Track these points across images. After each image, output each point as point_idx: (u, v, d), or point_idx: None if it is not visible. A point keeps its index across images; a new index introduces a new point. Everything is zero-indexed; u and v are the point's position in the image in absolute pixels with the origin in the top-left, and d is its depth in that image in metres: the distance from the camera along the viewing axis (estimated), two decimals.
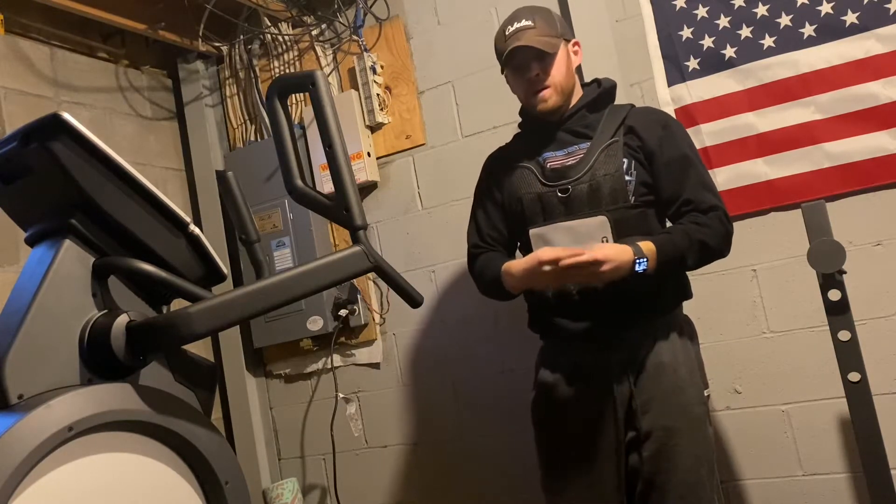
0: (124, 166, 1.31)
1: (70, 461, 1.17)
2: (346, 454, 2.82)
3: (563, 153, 1.88)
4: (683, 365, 1.81)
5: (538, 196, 1.86)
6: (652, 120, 1.89)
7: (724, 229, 1.79)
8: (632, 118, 1.88)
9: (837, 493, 2.16)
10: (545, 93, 1.86)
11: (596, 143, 1.85)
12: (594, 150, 1.84)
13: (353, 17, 2.81)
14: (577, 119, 1.90)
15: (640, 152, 1.84)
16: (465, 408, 2.66)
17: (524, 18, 1.88)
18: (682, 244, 1.74)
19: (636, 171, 1.82)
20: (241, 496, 1.37)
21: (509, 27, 1.89)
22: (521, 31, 1.86)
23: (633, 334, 1.81)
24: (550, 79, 1.86)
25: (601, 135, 1.86)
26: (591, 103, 1.91)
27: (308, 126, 2.82)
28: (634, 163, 1.82)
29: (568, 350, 1.88)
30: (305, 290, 1.35)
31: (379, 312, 2.79)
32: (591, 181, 1.80)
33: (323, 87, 1.39)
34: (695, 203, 1.79)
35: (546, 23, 1.89)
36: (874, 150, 2.12)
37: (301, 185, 1.48)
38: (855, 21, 2.14)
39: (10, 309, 1.25)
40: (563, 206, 1.82)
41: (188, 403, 1.36)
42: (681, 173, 1.82)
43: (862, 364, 1.70)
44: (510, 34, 1.87)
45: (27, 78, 2.59)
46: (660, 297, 1.83)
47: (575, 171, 1.83)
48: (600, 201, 1.80)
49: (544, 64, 1.86)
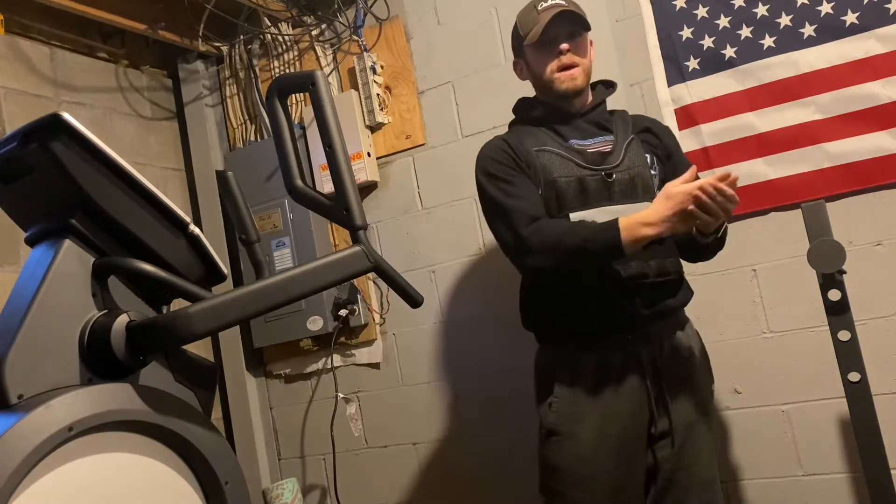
0: (124, 166, 1.31)
1: (70, 461, 1.17)
2: (346, 454, 2.82)
3: (590, 142, 1.84)
4: (698, 361, 1.84)
5: (578, 180, 1.77)
6: (662, 125, 1.99)
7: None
8: (639, 121, 1.94)
9: (837, 493, 2.16)
10: (575, 71, 1.82)
11: (620, 137, 1.84)
12: (621, 142, 1.83)
13: (353, 17, 2.81)
14: (598, 112, 1.89)
15: (659, 150, 1.88)
16: (465, 408, 2.66)
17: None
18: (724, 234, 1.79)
19: (658, 167, 1.86)
20: (241, 496, 1.37)
21: (542, 3, 1.83)
22: (556, 6, 1.81)
23: (656, 329, 1.79)
24: (580, 60, 1.83)
25: (620, 131, 1.86)
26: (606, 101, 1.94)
27: (308, 126, 2.82)
28: (656, 159, 1.86)
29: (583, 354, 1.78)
30: (305, 290, 1.35)
31: (379, 312, 2.79)
32: (629, 170, 1.79)
33: (323, 87, 1.39)
34: None
35: (579, 7, 1.86)
36: (874, 150, 2.12)
37: (301, 185, 1.48)
38: (855, 21, 2.14)
39: (10, 309, 1.25)
40: (605, 191, 1.78)
41: (188, 403, 1.36)
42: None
43: (862, 364, 1.70)
44: (545, 7, 1.81)
45: (27, 78, 2.59)
46: (679, 293, 1.84)
47: (613, 159, 1.80)
48: (637, 190, 1.79)
49: (575, 42, 1.83)
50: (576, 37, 1.84)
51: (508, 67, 2.58)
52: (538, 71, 1.87)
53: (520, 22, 1.89)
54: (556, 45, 1.81)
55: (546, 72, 1.84)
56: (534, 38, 1.82)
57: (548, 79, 1.84)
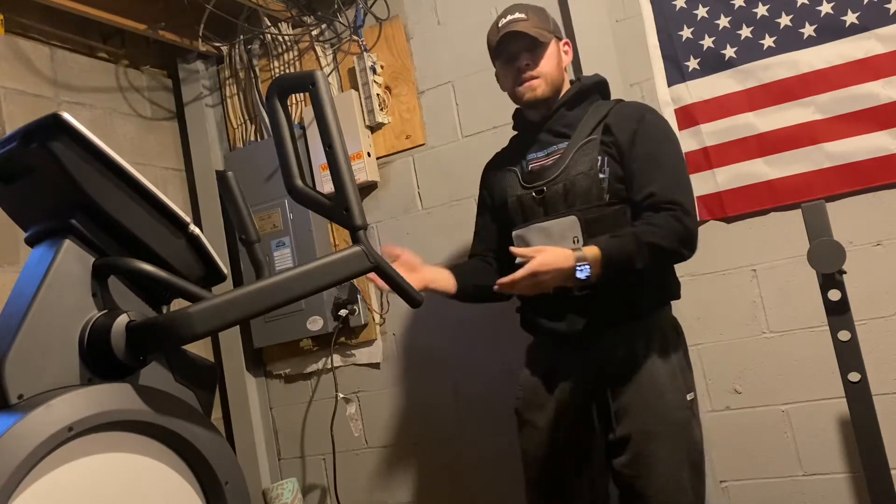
0: (124, 166, 1.31)
1: (70, 461, 1.17)
2: (346, 454, 2.82)
3: (543, 154, 1.92)
4: (662, 369, 1.79)
5: (518, 198, 1.91)
6: (627, 115, 1.85)
7: (679, 227, 1.72)
8: (612, 115, 1.85)
9: (837, 493, 2.16)
10: (534, 82, 1.88)
11: (573, 142, 1.86)
12: (570, 149, 1.86)
13: (353, 17, 2.81)
14: (557, 118, 1.92)
15: (612, 148, 1.81)
16: (465, 408, 2.66)
17: (517, 12, 1.92)
18: (630, 248, 1.69)
19: (609, 167, 1.79)
20: (241, 496, 1.37)
21: (502, 20, 1.92)
22: (513, 22, 1.89)
23: (610, 336, 1.80)
24: (540, 69, 1.88)
25: (579, 133, 1.87)
26: (569, 101, 1.92)
27: (308, 126, 2.82)
28: (608, 159, 1.80)
29: (547, 349, 1.93)
30: (305, 290, 1.35)
31: (379, 312, 2.79)
32: (565, 181, 1.82)
33: (323, 87, 1.39)
34: (656, 196, 1.74)
35: (539, 17, 1.92)
36: (874, 150, 2.12)
37: (301, 185, 1.48)
38: (855, 21, 2.14)
39: (10, 309, 1.25)
40: (541, 206, 1.86)
41: (188, 403, 1.36)
42: (650, 166, 1.78)
43: (862, 364, 1.70)
44: (503, 25, 1.91)
45: (27, 78, 2.59)
46: (640, 298, 1.80)
47: (550, 172, 1.86)
48: (574, 201, 1.80)
49: (535, 55, 1.89)
50: (536, 49, 1.88)
51: None
52: (504, 84, 1.99)
53: (488, 37, 1.98)
54: (515, 59, 1.90)
55: (509, 86, 1.96)
56: (497, 57, 1.95)
57: (511, 90, 1.95)
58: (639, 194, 1.77)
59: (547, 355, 1.93)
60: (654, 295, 1.86)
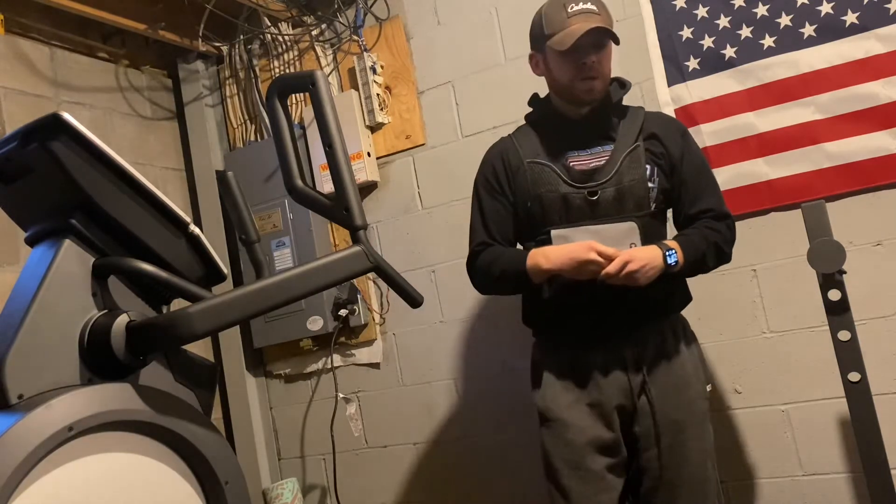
0: (124, 166, 1.31)
1: (70, 461, 1.17)
2: (346, 454, 2.82)
3: (586, 154, 1.84)
4: (689, 361, 1.84)
5: (563, 197, 1.81)
6: (672, 128, 1.91)
7: (733, 237, 1.87)
8: (650, 123, 1.87)
9: (837, 493, 2.16)
10: (596, 83, 1.82)
11: (619, 147, 1.83)
12: (618, 154, 1.82)
13: (353, 17, 2.81)
14: (600, 118, 1.87)
15: (662, 160, 1.84)
16: (465, 408, 2.66)
17: (588, 1, 1.80)
18: (702, 246, 1.80)
19: (658, 178, 1.83)
20: (241, 496, 1.37)
21: (573, 5, 1.78)
22: (588, 13, 1.78)
23: (641, 333, 1.82)
24: (602, 70, 1.83)
25: (623, 138, 1.84)
26: (616, 104, 1.90)
27: (308, 126, 2.82)
28: (657, 170, 1.83)
29: (575, 347, 1.85)
30: (305, 290, 1.35)
31: (379, 312, 2.79)
32: (617, 185, 1.79)
33: (323, 87, 1.39)
34: (714, 211, 1.86)
35: (607, 13, 1.84)
36: (874, 150, 2.12)
37: (301, 185, 1.48)
38: (855, 21, 2.14)
39: (10, 309, 1.25)
40: (589, 208, 1.80)
41: (188, 403, 1.36)
42: (701, 182, 1.88)
43: (862, 364, 1.70)
44: (576, 12, 1.77)
45: (27, 78, 2.59)
46: (669, 300, 1.86)
47: (602, 175, 1.80)
48: (625, 207, 1.79)
49: (601, 55, 1.81)
50: (602, 48, 1.81)
51: (508, 67, 2.59)
52: (558, 75, 1.85)
53: (546, 18, 1.83)
54: (583, 54, 1.78)
55: (566, 78, 1.83)
56: (562, 46, 1.78)
57: (567, 84, 1.84)
58: (694, 207, 1.86)
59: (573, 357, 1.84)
60: (681, 297, 1.91)
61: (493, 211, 1.92)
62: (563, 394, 1.83)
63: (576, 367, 1.83)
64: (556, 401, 1.84)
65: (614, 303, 1.78)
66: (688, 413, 1.79)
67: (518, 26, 2.58)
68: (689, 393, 1.81)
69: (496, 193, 1.92)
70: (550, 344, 1.91)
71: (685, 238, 1.82)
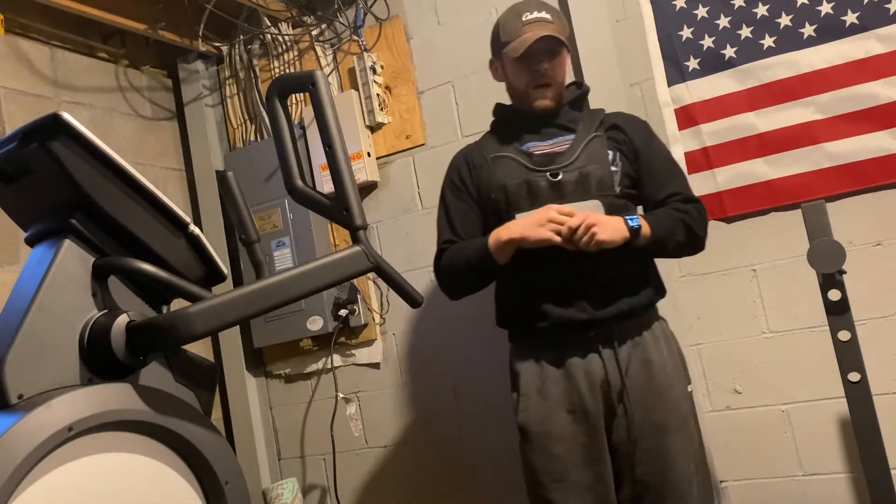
0: (124, 166, 1.31)
1: (70, 461, 1.17)
2: (346, 454, 2.82)
3: (548, 143, 1.89)
4: (669, 361, 1.82)
5: (526, 182, 1.84)
6: (634, 120, 1.98)
7: (704, 220, 1.87)
8: (611, 118, 1.94)
9: (837, 493, 2.16)
10: (549, 90, 1.88)
11: (580, 136, 1.87)
12: (580, 140, 1.86)
13: (353, 17, 2.81)
14: (562, 115, 1.92)
15: (625, 146, 1.89)
16: (465, 408, 2.66)
17: (543, 11, 1.87)
18: (668, 221, 1.81)
19: (621, 162, 1.86)
20: (241, 496, 1.37)
21: (527, 14, 1.86)
22: (541, 21, 1.85)
23: (620, 329, 1.80)
24: (554, 77, 1.88)
25: (584, 129, 1.89)
26: (574, 101, 1.95)
27: (308, 126, 2.82)
28: (619, 155, 1.87)
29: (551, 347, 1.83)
30: (305, 290, 1.35)
31: (379, 312, 2.79)
32: (580, 168, 1.82)
33: (323, 87, 1.39)
34: (683, 193, 1.87)
35: (562, 22, 1.91)
36: (874, 150, 2.12)
37: (301, 185, 1.48)
38: (855, 21, 2.14)
39: (10, 309, 1.25)
40: (553, 190, 1.82)
41: (188, 403, 1.36)
42: (668, 169, 1.91)
43: (862, 364, 1.70)
44: (530, 21, 1.85)
45: (27, 78, 2.59)
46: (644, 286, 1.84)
47: (563, 158, 1.84)
48: (589, 189, 1.81)
49: (553, 63, 1.87)
50: (556, 55, 1.87)
51: None
52: (515, 81, 1.93)
53: (503, 27, 1.92)
54: (535, 61, 1.86)
55: (522, 84, 1.91)
56: (515, 53, 1.86)
57: (523, 91, 1.91)
58: (662, 192, 1.87)
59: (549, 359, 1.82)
60: (656, 289, 1.89)
61: (458, 210, 1.96)
62: (543, 403, 1.81)
63: (553, 371, 1.81)
64: (535, 413, 1.81)
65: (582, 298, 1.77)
66: (671, 415, 1.77)
67: None
68: (671, 395, 1.78)
69: (461, 193, 1.96)
70: (526, 347, 1.89)
71: (652, 215, 1.82)
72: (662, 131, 2.37)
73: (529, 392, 1.84)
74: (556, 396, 1.80)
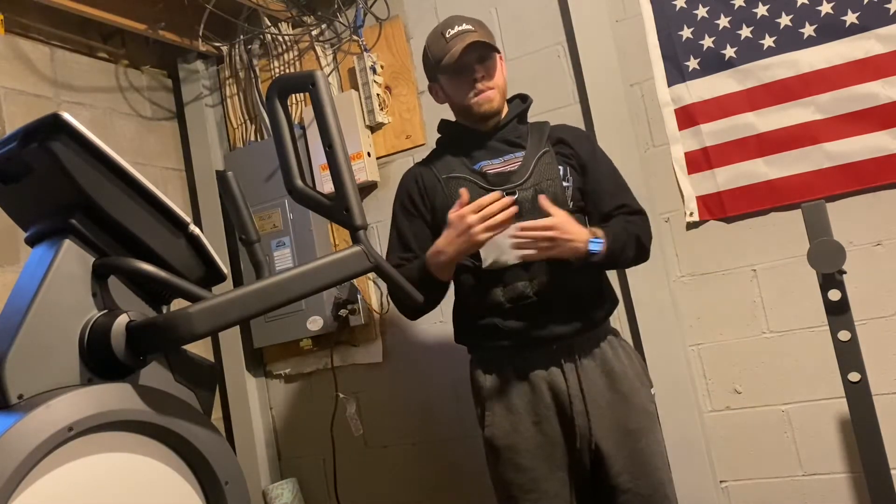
0: (124, 166, 1.31)
1: (70, 461, 1.17)
2: (346, 454, 2.82)
3: (499, 161, 1.89)
4: (630, 368, 1.85)
5: None
6: (578, 133, 1.99)
7: (649, 232, 1.90)
8: (556, 131, 1.95)
9: (837, 493, 2.16)
10: (490, 93, 1.87)
11: (530, 152, 1.87)
12: (530, 158, 1.86)
13: (353, 17, 2.81)
14: (509, 129, 1.92)
15: (573, 160, 1.90)
16: (465, 408, 2.65)
17: (464, 24, 1.89)
18: (624, 237, 1.81)
19: (572, 177, 1.88)
20: (241, 496, 1.37)
21: (449, 30, 1.87)
22: (464, 33, 1.86)
23: (581, 342, 1.82)
24: (494, 81, 1.88)
25: (532, 145, 1.89)
26: (520, 115, 1.95)
27: (308, 126, 2.82)
28: (570, 170, 1.88)
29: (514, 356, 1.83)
30: (305, 290, 1.35)
31: (379, 312, 2.79)
32: (535, 186, 1.82)
33: (323, 87, 1.39)
34: (630, 206, 1.90)
35: (486, 29, 1.91)
36: (874, 150, 2.12)
37: (301, 185, 1.48)
38: (855, 21, 2.14)
39: (10, 309, 1.25)
40: None
41: (188, 403, 1.36)
42: (617, 182, 1.93)
43: (862, 364, 1.70)
44: (452, 35, 1.86)
45: (27, 78, 2.59)
46: (601, 299, 1.88)
47: (517, 177, 1.84)
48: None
49: (487, 67, 1.87)
50: (486, 60, 1.87)
51: (508, 67, 2.58)
52: (455, 97, 1.92)
53: (429, 49, 1.93)
54: (470, 71, 1.85)
55: (463, 98, 1.89)
56: (448, 70, 1.86)
57: (466, 104, 1.89)
58: (610, 205, 1.89)
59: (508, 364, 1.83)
60: (612, 301, 1.93)
61: (410, 231, 1.94)
62: (508, 416, 1.82)
63: (517, 383, 1.82)
64: (502, 426, 1.82)
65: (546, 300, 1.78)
66: (642, 419, 1.81)
67: (518, 26, 2.59)
68: (637, 400, 1.82)
69: (412, 216, 1.95)
70: (487, 360, 1.89)
71: (607, 228, 1.81)
72: (662, 131, 2.37)
73: (493, 405, 1.84)
74: (521, 408, 1.81)
